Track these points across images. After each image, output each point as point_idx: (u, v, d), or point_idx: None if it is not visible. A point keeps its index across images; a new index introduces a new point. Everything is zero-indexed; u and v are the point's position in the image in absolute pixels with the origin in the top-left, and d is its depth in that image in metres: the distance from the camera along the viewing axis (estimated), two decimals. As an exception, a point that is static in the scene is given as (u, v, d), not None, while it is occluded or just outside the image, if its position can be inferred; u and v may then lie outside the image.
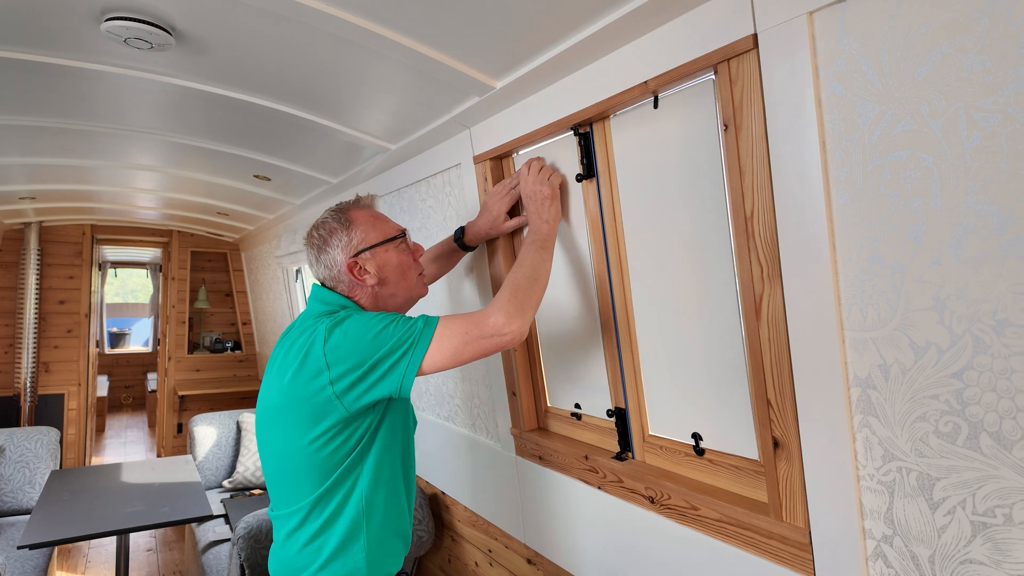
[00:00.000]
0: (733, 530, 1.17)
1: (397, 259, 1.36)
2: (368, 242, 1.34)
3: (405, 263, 1.37)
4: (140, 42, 1.38)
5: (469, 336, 1.17)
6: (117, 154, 2.57)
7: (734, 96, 1.01)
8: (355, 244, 1.33)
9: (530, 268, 1.28)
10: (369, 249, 1.34)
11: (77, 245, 4.80)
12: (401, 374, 1.16)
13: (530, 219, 1.42)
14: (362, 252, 1.33)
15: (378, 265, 1.34)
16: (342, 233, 1.34)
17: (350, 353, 1.16)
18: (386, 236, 1.36)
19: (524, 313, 1.20)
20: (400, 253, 1.37)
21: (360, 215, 1.37)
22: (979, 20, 0.73)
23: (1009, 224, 0.73)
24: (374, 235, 1.35)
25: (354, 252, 1.33)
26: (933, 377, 0.83)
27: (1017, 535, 0.77)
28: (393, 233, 1.37)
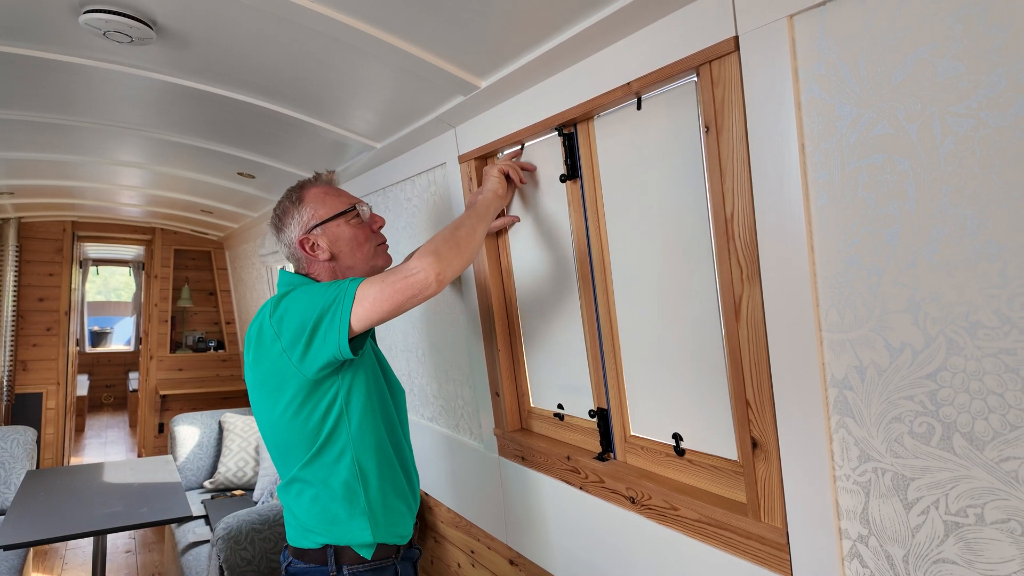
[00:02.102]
0: (712, 530, 1.17)
1: (350, 233, 1.38)
2: (319, 218, 1.36)
3: (359, 236, 1.39)
4: (120, 35, 1.36)
5: (387, 281, 1.18)
6: (99, 150, 2.53)
7: (715, 98, 1.02)
8: (306, 221, 1.37)
9: (453, 226, 1.29)
10: (320, 225, 1.36)
11: (57, 242, 4.73)
12: (336, 332, 1.18)
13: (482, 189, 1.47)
14: (313, 228, 1.36)
15: (330, 240, 1.36)
16: (294, 211, 1.38)
17: (292, 320, 1.21)
18: (336, 211, 1.37)
19: (440, 259, 1.18)
20: (353, 227, 1.38)
21: (312, 192, 1.40)
22: (953, 26, 0.74)
23: (982, 228, 0.74)
24: (324, 211, 1.37)
25: (306, 229, 1.36)
26: (908, 378, 0.84)
27: (989, 535, 0.78)
28: (342, 207, 1.38)
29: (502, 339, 1.76)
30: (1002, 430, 0.75)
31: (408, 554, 1.43)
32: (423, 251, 1.20)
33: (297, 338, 1.20)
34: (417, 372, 2.29)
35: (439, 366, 2.12)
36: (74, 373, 5.23)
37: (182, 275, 5.38)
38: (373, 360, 1.38)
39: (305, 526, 1.31)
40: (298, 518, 1.33)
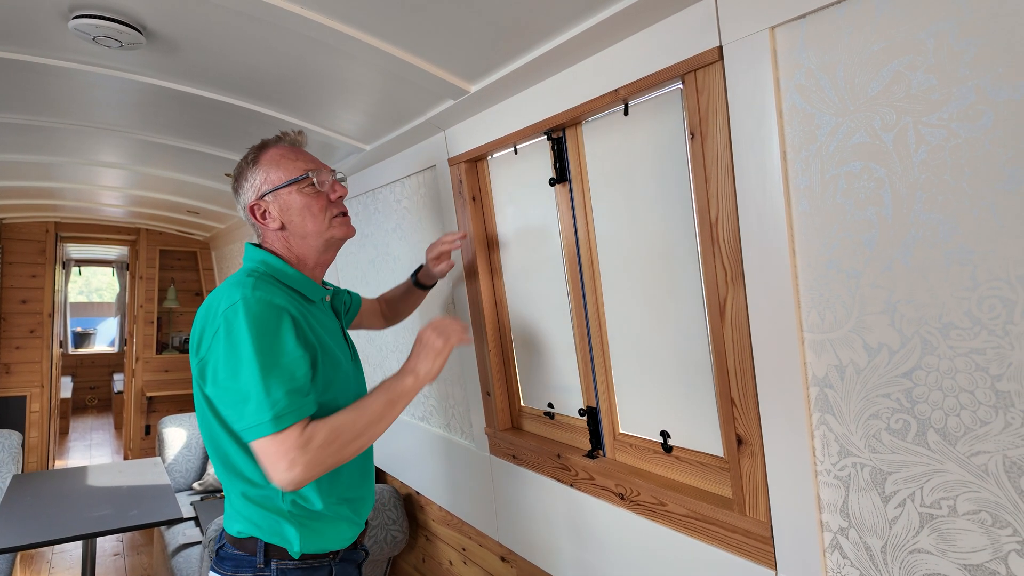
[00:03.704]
0: (699, 525, 1.21)
1: (302, 201, 1.25)
2: (271, 183, 1.25)
3: (313, 206, 1.25)
4: (110, 40, 1.36)
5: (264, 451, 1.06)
6: (82, 151, 2.52)
7: (700, 106, 1.05)
8: (258, 185, 1.26)
9: (364, 420, 1.14)
10: (272, 191, 1.25)
11: (40, 243, 4.67)
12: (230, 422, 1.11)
13: (412, 361, 1.25)
14: (265, 195, 1.25)
15: (280, 208, 1.26)
16: (249, 173, 1.28)
17: (214, 370, 1.10)
18: (289, 176, 1.25)
19: (316, 466, 1.07)
20: (306, 195, 1.25)
21: (269, 155, 1.28)
22: (926, 40, 0.77)
23: (953, 233, 0.78)
24: (277, 175, 1.25)
25: (258, 194, 1.26)
26: (885, 377, 0.87)
27: (961, 526, 0.82)
28: (296, 173, 1.25)
29: (493, 339, 1.79)
30: (973, 426, 0.79)
31: (350, 555, 1.34)
32: (306, 459, 1.05)
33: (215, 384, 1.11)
34: (408, 372, 2.30)
35: (430, 366, 2.14)
36: (58, 375, 5.18)
37: (168, 276, 5.34)
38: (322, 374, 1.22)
39: (240, 513, 1.23)
40: (232, 504, 1.25)
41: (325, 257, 1.33)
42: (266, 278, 1.20)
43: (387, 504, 2.44)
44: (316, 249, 1.29)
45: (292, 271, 1.27)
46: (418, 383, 1.23)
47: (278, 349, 1.10)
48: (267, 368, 1.07)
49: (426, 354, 1.24)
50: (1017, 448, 0.75)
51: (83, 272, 9.59)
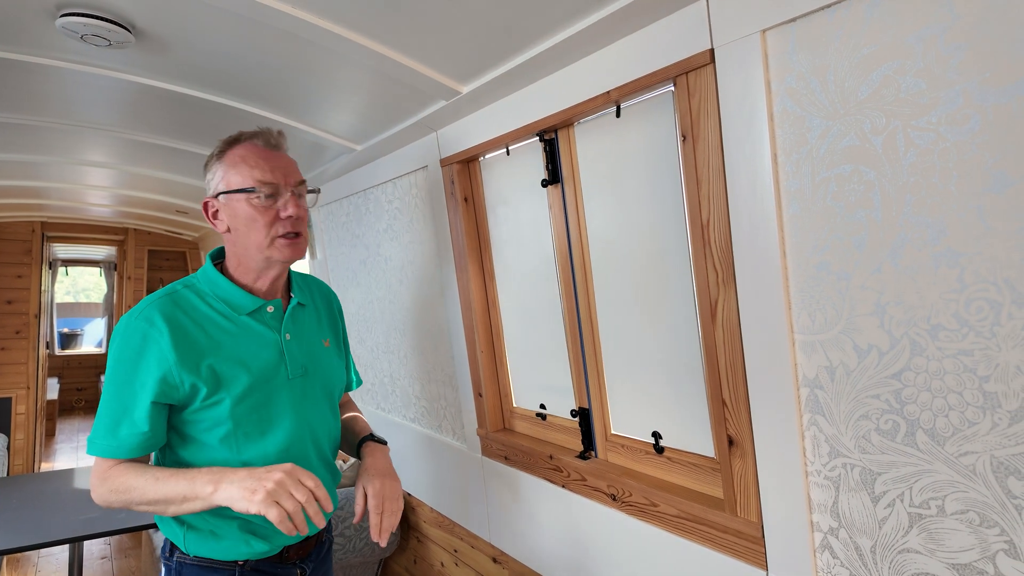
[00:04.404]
0: (691, 525, 1.21)
1: (248, 212, 1.17)
2: (226, 184, 1.18)
3: (258, 219, 1.17)
4: (98, 39, 1.35)
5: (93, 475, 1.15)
6: (70, 150, 2.49)
7: (692, 108, 1.05)
8: (215, 183, 1.20)
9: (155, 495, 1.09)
10: (225, 193, 1.18)
11: (26, 243, 4.61)
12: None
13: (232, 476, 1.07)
14: (219, 195, 1.19)
15: (229, 213, 1.19)
16: (212, 167, 1.21)
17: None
18: (241, 187, 1.17)
19: (106, 503, 1.12)
20: (253, 207, 1.17)
21: (234, 153, 1.19)
22: (914, 45, 0.78)
23: (941, 236, 0.79)
24: (232, 178, 1.17)
25: (213, 192, 1.21)
26: (875, 378, 0.88)
27: (949, 525, 0.83)
28: (248, 185, 1.16)
29: (484, 340, 1.78)
30: (961, 426, 0.80)
31: (272, 568, 1.24)
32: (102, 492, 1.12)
33: None
34: (400, 373, 2.30)
35: (422, 367, 2.14)
36: (44, 376, 5.12)
37: (156, 276, 5.29)
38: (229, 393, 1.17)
39: None
40: None
41: (269, 273, 1.23)
42: (189, 290, 1.21)
43: (378, 506, 2.43)
44: (257, 263, 1.21)
45: (223, 280, 1.22)
46: (209, 500, 1.06)
47: (129, 376, 1.12)
48: (112, 391, 1.13)
49: (245, 486, 1.03)
50: (1004, 448, 0.76)
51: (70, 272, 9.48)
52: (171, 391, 1.12)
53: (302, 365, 1.27)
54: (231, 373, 1.16)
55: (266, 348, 1.22)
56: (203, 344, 1.15)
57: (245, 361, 1.18)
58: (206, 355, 1.15)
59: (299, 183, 1.22)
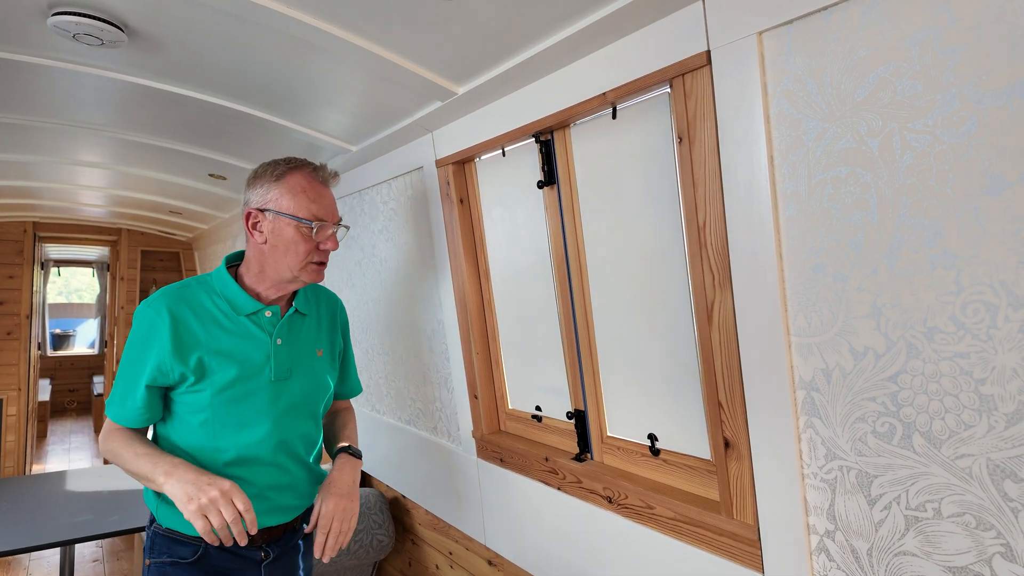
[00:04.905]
0: (687, 528, 1.21)
1: (293, 236, 1.28)
2: (279, 206, 1.28)
3: (300, 245, 1.29)
4: (90, 38, 1.34)
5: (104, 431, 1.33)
6: (62, 150, 2.47)
7: (688, 110, 1.05)
8: (267, 199, 1.29)
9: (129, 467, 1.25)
10: (275, 213, 1.28)
11: (18, 243, 4.58)
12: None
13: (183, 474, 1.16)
14: (267, 211, 1.29)
15: (272, 230, 1.29)
16: (266, 182, 1.30)
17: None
18: (295, 215, 1.28)
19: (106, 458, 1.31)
20: (299, 234, 1.29)
21: (294, 179, 1.30)
22: (911, 47, 0.78)
23: (938, 238, 0.79)
24: (288, 204, 1.28)
25: (260, 205, 1.29)
26: (871, 380, 0.88)
27: (946, 528, 0.83)
28: (303, 215, 1.28)
29: (480, 342, 1.78)
30: (957, 429, 0.80)
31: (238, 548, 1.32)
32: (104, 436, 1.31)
33: None
34: (395, 375, 2.29)
35: (417, 369, 2.13)
36: (36, 378, 5.08)
37: (150, 276, 5.26)
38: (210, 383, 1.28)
39: None
40: None
41: (287, 287, 1.36)
42: (199, 285, 1.34)
43: (373, 508, 2.42)
44: (281, 278, 1.32)
45: (231, 282, 1.33)
46: (161, 488, 1.18)
47: (137, 357, 1.27)
48: (124, 367, 1.30)
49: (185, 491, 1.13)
50: (1000, 451, 0.76)
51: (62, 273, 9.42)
52: (162, 377, 1.26)
53: (287, 369, 1.36)
54: (218, 366, 1.28)
55: (256, 349, 1.32)
56: (199, 337, 1.28)
57: (233, 357, 1.30)
58: (199, 347, 1.27)
59: (338, 221, 1.37)
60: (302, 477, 1.40)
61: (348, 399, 1.64)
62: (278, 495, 1.36)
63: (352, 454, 1.44)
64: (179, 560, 1.30)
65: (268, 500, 1.34)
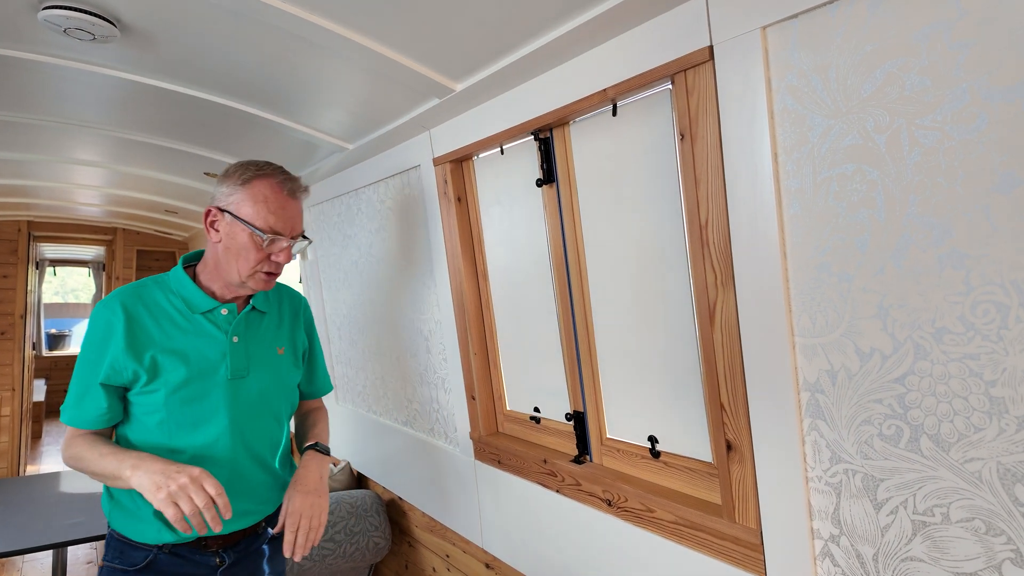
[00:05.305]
0: (688, 532, 1.19)
1: (245, 242, 1.26)
2: (238, 210, 1.26)
3: (251, 252, 1.26)
4: (81, 33, 1.31)
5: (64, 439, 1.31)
6: (57, 148, 2.44)
7: (690, 106, 1.03)
8: (228, 201, 1.27)
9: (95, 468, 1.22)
10: (233, 216, 1.26)
11: (12, 242, 4.54)
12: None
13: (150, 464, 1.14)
14: (227, 212, 1.27)
15: (227, 232, 1.28)
16: (233, 183, 1.28)
17: None
18: (252, 223, 1.25)
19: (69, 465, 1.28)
20: (252, 241, 1.26)
21: (258, 187, 1.27)
22: (919, 42, 0.76)
23: (946, 237, 0.77)
24: (247, 210, 1.26)
25: (222, 206, 1.28)
26: (877, 382, 0.86)
27: (954, 533, 0.81)
28: (259, 226, 1.25)
29: (477, 342, 1.76)
30: (966, 432, 0.78)
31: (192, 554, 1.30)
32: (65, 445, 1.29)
33: None
34: (392, 376, 2.27)
35: (414, 370, 2.11)
36: (30, 378, 5.04)
37: (145, 276, 5.22)
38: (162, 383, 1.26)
39: None
40: None
41: (239, 292, 1.35)
42: (156, 283, 1.33)
43: (369, 510, 2.40)
44: (230, 280, 1.31)
45: (187, 280, 1.33)
46: (128, 483, 1.14)
47: (93, 357, 1.26)
48: (80, 368, 1.27)
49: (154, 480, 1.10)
50: (1011, 455, 0.74)
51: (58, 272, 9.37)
52: (115, 375, 1.25)
53: (244, 367, 1.34)
54: (171, 365, 1.27)
55: (211, 347, 1.31)
56: (153, 335, 1.27)
57: (187, 356, 1.28)
58: (153, 346, 1.26)
59: (299, 234, 1.34)
60: (262, 481, 1.38)
61: (318, 398, 1.62)
62: (234, 499, 1.28)
63: (320, 451, 1.41)
64: (128, 568, 1.29)
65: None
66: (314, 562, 2.22)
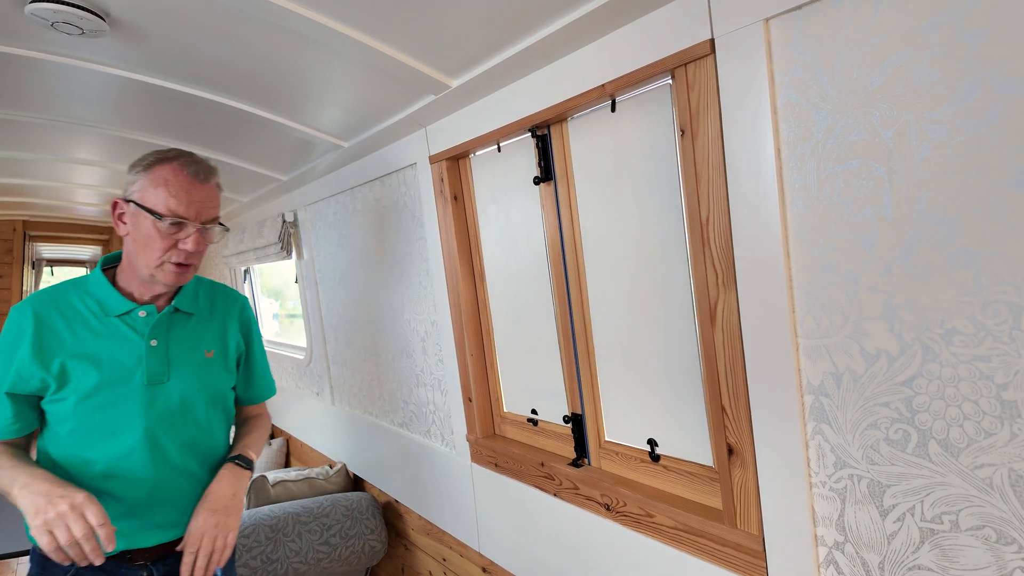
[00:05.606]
0: (688, 537, 1.16)
1: (149, 232, 1.20)
2: (140, 199, 1.20)
3: (155, 241, 1.20)
4: (69, 27, 1.29)
5: None
6: (53, 147, 2.42)
7: (691, 101, 1.01)
8: (132, 189, 1.22)
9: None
10: (136, 204, 1.20)
11: (8, 242, 4.52)
12: None
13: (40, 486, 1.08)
14: (131, 201, 1.21)
15: (132, 223, 1.22)
16: (137, 171, 1.22)
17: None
18: (152, 208, 1.19)
19: None
20: (156, 229, 1.19)
21: (160, 172, 1.20)
22: (928, 33, 0.74)
23: (957, 235, 0.74)
24: (148, 197, 1.19)
25: (127, 195, 1.22)
26: (884, 385, 0.83)
27: (963, 541, 0.78)
28: (159, 210, 1.18)
29: (474, 343, 1.73)
30: (977, 437, 0.75)
31: (113, 569, 1.24)
32: None
33: None
34: (387, 377, 2.24)
35: (410, 371, 2.08)
36: (27, 379, 5.00)
37: (142, 276, 5.20)
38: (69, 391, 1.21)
39: None
40: None
41: (152, 287, 1.27)
42: (73, 286, 1.28)
43: (365, 512, 2.37)
44: (141, 275, 1.25)
45: (102, 281, 1.27)
46: (15, 502, 1.09)
47: (2, 364, 1.20)
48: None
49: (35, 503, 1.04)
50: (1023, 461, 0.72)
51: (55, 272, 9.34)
52: (22, 383, 1.19)
53: (163, 372, 1.27)
54: (81, 371, 1.21)
55: (125, 351, 1.25)
56: (65, 341, 1.21)
57: (100, 361, 1.22)
58: (62, 351, 1.20)
59: (210, 220, 1.25)
60: (188, 491, 1.29)
61: (258, 404, 1.54)
62: (156, 510, 1.26)
63: (240, 463, 1.33)
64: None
65: (143, 516, 1.25)
66: (309, 565, 2.19)
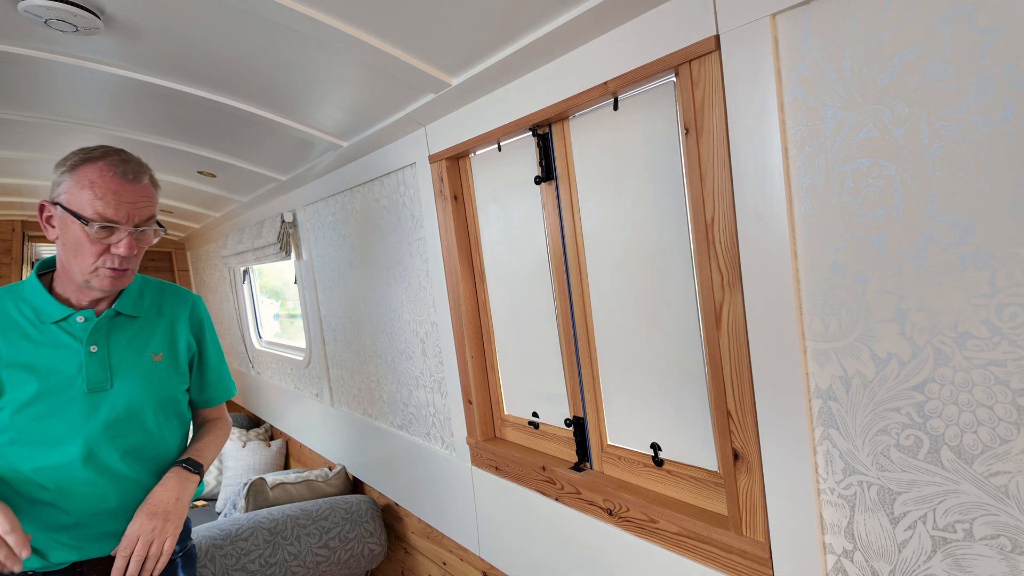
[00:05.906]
0: (692, 544, 1.14)
1: (78, 237, 1.15)
2: (67, 202, 1.15)
3: (87, 247, 1.16)
4: (64, 24, 1.27)
5: None
6: (50, 146, 2.40)
7: (695, 99, 0.99)
8: (58, 191, 1.17)
9: None
10: (62, 208, 1.15)
11: (6, 242, 4.50)
12: None
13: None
14: (58, 204, 1.16)
15: (60, 227, 1.17)
16: (62, 171, 1.17)
17: None
18: (78, 212, 1.14)
19: None
20: (86, 236, 1.15)
21: (85, 172, 1.15)
22: (941, 28, 0.71)
23: (970, 235, 0.72)
24: (74, 200, 1.14)
25: (53, 198, 1.18)
26: (895, 389, 0.81)
27: (977, 551, 0.76)
28: (86, 214, 1.13)
29: (474, 345, 1.71)
30: (991, 443, 0.73)
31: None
32: None
33: None
34: (387, 378, 2.22)
35: (409, 372, 2.06)
36: (25, 380, 4.99)
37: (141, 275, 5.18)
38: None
39: None
40: None
41: (89, 294, 1.24)
42: (8, 293, 1.24)
43: (364, 515, 2.35)
44: (76, 281, 1.21)
45: (38, 287, 1.23)
46: None
47: None
48: None
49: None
50: (1041, 468, 0.70)
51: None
52: None
53: (104, 379, 1.24)
54: (18, 381, 1.17)
55: (64, 359, 1.21)
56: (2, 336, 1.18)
57: (38, 370, 1.19)
58: (10, 347, 1.18)
59: (144, 221, 1.20)
60: (138, 500, 1.25)
61: (215, 406, 1.50)
62: (103, 521, 1.23)
63: (187, 467, 1.29)
64: None
65: (90, 527, 1.22)
66: (308, 569, 2.17)
